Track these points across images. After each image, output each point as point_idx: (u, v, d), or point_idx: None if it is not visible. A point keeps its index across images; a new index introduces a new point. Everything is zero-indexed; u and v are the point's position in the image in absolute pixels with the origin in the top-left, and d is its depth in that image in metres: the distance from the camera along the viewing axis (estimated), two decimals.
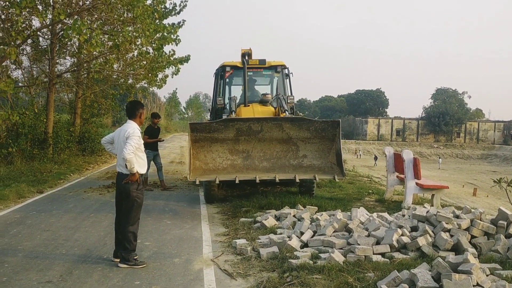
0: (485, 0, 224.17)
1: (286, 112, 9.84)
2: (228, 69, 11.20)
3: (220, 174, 8.75)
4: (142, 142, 5.72)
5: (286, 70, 11.49)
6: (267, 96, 10.83)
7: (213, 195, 9.68)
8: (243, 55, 10.85)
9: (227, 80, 11.55)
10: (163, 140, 14.58)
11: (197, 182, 8.63)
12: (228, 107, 10.75)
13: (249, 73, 10.95)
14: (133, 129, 5.55)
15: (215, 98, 11.92)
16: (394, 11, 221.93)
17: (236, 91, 12.05)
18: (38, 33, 14.34)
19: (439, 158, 63.41)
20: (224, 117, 10.19)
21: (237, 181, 8.50)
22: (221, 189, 10.58)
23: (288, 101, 10.54)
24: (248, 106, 10.29)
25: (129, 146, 5.38)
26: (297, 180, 8.77)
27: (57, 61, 16.79)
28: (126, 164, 5.42)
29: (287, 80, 11.45)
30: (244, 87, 10.42)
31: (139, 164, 5.60)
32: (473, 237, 5.90)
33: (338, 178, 8.89)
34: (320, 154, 9.43)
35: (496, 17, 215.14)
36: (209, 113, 13.27)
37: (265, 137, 9.20)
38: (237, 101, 10.91)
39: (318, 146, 9.42)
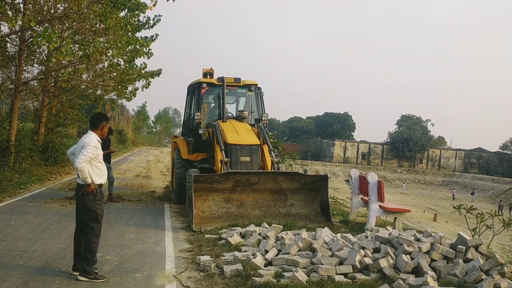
0: (453, 34, 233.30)
1: (272, 152, 10.29)
2: (204, 85, 11.55)
3: (217, 222, 8.89)
4: (101, 152, 5.64)
5: (258, 89, 11.97)
6: (244, 113, 11.38)
7: None
8: (205, 74, 11.73)
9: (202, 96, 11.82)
10: (116, 151, 14.40)
11: (202, 231, 8.56)
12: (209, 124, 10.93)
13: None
14: (89, 139, 5.49)
15: (188, 112, 12.44)
16: (365, 37, 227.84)
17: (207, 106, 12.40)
18: (6, 38, 14.04)
19: (403, 183, 64.96)
20: (201, 132, 10.95)
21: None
22: None
23: (263, 118, 11.31)
24: (226, 122, 10.74)
25: (82, 156, 5.31)
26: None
27: (25, 68, 16.41)
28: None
29: (259, 98, 11.94)
30: (223, 103, 10.97)
31: (96, 174, 5.53)
32: (433, 260, 6.03)
33: (326, 225, 9.08)
34: (306, 203, 9.86)
35: (462, 48, 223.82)
36: (181, 128, 13.44)
37: (259, 188, 9.57)
38: (208, 117, 11.40)
39: (304, 196, 9.88)
